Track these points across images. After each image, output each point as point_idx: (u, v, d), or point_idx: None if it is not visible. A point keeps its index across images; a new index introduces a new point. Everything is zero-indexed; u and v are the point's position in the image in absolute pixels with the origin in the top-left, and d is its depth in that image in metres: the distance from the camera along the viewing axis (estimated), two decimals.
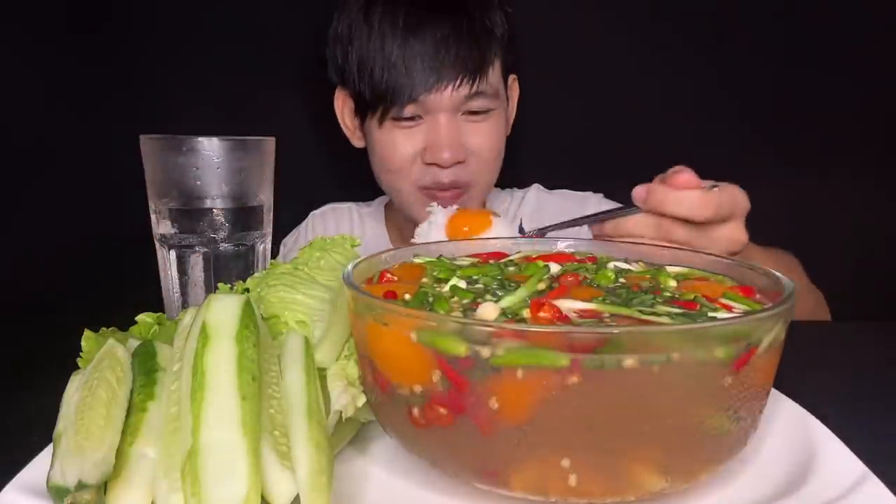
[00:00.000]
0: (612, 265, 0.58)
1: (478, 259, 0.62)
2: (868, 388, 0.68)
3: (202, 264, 0.75)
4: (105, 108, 1.42)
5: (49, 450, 0.44)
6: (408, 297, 0.49)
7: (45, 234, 1.40)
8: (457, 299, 0.48)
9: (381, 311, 0.43)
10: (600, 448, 0.38)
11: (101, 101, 1.42)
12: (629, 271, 0.57)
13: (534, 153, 1.42)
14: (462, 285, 0.51)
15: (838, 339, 0.90)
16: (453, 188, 1.12)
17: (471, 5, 1.11)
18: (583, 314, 0.44)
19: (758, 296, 0.49)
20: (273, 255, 0.91)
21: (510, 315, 0.44)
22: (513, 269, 0.57)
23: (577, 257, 0.62)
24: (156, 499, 0.38)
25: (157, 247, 0.77)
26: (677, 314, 0.43)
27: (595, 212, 0.80)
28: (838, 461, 0.45)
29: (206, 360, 0.41)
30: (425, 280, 0.54)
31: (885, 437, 0.55)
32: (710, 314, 0.44)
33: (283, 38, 1.44)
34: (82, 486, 0.37)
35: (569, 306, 0.45)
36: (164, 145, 0.73)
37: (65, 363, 0.52)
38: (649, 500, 0.42)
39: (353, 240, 0.68)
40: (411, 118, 1.10)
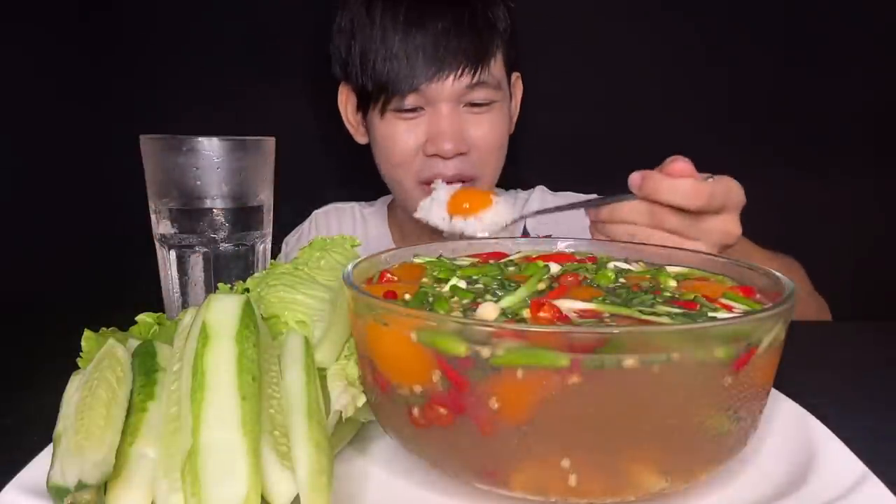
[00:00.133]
0: (612, 265, 0.58)
1: (478, 259, 0.62)
2: (868, 388, 0.68)
3: (202, 264, 0.75)
4: (105, 107, 1.42)
5: (49, 450, 0.44)
6: (408, 297, 0.49)
7: (46, 234, 1.40)
8: (457, 299, 0.48)
9: (381, 311, 0.43)
10: (600, 448, 0.38)
11: (102, 100, 1.42)
12: (629, 271, 0.57)
13: (536, 153, 1.42)
14: (462, 285, 0.51)
15: (838, 339, 0.90)
16: (456, 181, 1.11)
17: None
18: (583, 314, 0.44)
19: (758, 296, 0.49)
20: (274, 255, 0.91)
21: (510, 315, 0.44)
22: (513, 269, 0.57)
23: (577, 257, 0.62)
24: (156, 499, 0.38)
25: (157, 247, 0.77)
26: (677, 314, 0.43)
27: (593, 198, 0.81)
28: (838, 461, 0.45)
29: (206, 360, 0.41)
30: (425, 280, 0.54)
31: (885, 437, 0.55)
32: (710, 314, 0.44)
33: (284, 37, 1.44)
34: (82, 486, 0.37)
35: (569, 306, 0.45)
36: (164, 145, 0.73)
37: (65, 363, 0.52)
38: (649, 500, 0.42)
39: (353, 240, 0.68)
40: (413, 110, 1.09)
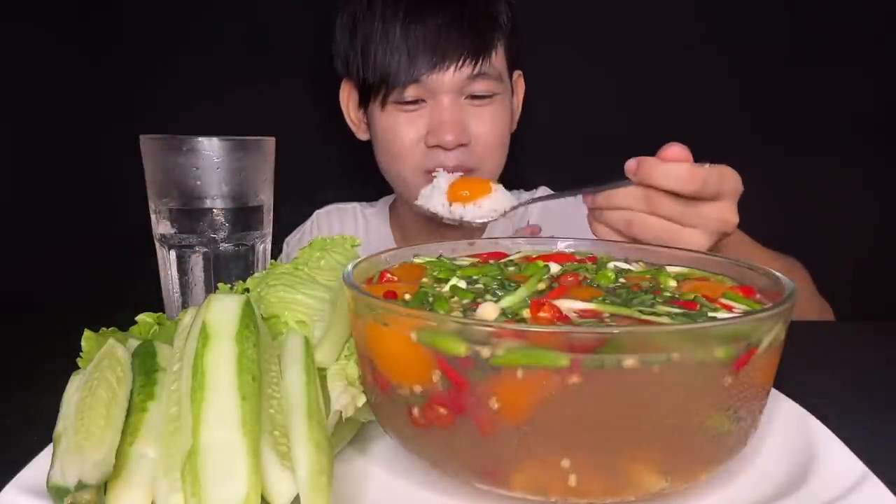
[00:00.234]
0: (612, 265, 0.58)
1: (478, 259, 0.62)
2: (868, 388, 0.68)
3: (202, 264, 0.75)
4: (105, 107, 1.42)
5: (49, 450, 0.44)
6: (408, 297, 0.49)
7: (46, 234, 1.40)
8: (457, 299, 0.48)
9: (381, 311, 0.43)
10: (600, 448, 0.38)
11: (102, 100, 1.42)
12: (629, 271, 0.57)
13: (539, 153, 1.42)
14: (462, 285, 0.51)
15: (838, 339, 0.90)
16: (457, 171, 1.10)
17: None
18: (583, 314, 0.44)
19: (758, 296, 0.49)
20: (274, 255, 0.91)
21: (510, 315, 0.44)
22: (513, 269, 0.57)
23: (577, 257, 0.62)
24: (156, 499, 0.38)
25: (157, 247, 0.77)
26: (677, 314, 0.43)
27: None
28: (838, 461, 0.45)
29: (206, 360, 0.41)
30: (425, 280, 0.54)
31: (885, 437, 0.55)
32: (710, 314, 0.44)
33: (284, 37, 1.44)
34: (82, 486, 0.37)
35: (569, 306, 0.45)
36: (164, 145, 0.73)
37: (65, 363, 0.52)
38: (649, 500, 0.42)
39: (353, 240, 0.68)
40: (414, 102, 1.09)
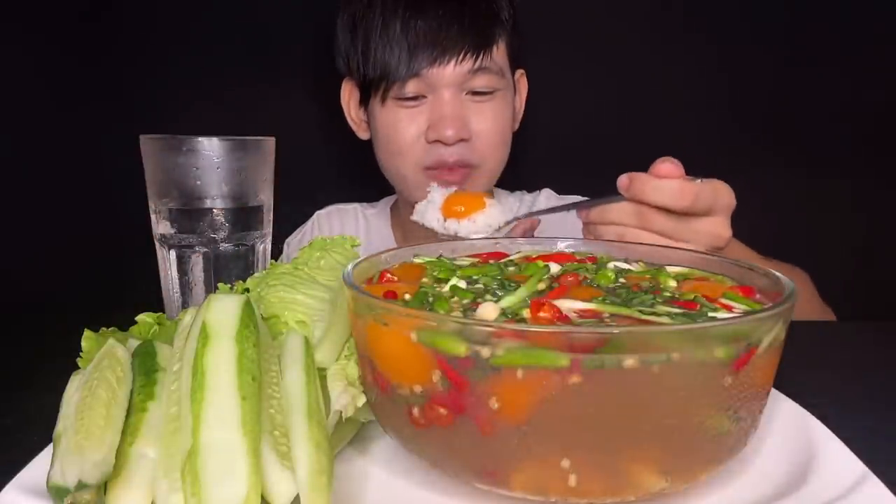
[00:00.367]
0: (612, 265, 0.58)
1: (478, 259, 0.62)
2: (868, 388, 0.68)
3: (202, 264, 0.75)
4: (105, 107, 1.42)
5: (49, 450, 0.44)
6: (408, 297, 0.49)
7: (45, 234, 1.40)
8: (457, 299, 0.48)
9: (381, 311, 0.43)
10: (600, 448, 0.38)
11: (102, 100, 1.42)
12: (629, 271, 0.57)
13: (542, 154, 1.42)
14: (462, 285, 0.51)
15: (838, 339, 0.90)
16: (458, 167, 1.10)
17: None
18: (583, 314, 0.44)
19: (758, 296, 0.49)
20: (275, 255, 0.91)
21: (510, 315, 0.44)
22: (513, 269, 0.57)
23: (577, 257, 0.62)
24: (156, 499, 0.38)
25: (157, 247, 0.77)
26: (677, 314, 0.43)
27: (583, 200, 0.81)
28: (838, 461, 0.45)
29: (206, 360, 0.41)
30: (425, 280, 0.54)
31: (885, 437, 0.55)
32: (710, 314, 0.44)
33: (284, 37, 1.44)
34: (82, 486, 0.37)
35: (569, 306, 0.45)
36: (164, 145, 0.73)
37: (65, 363, 0.52)
38: (649, 500, 0.42)
39: (353, 240, 0.68)
40: (415, 98, 1.09)
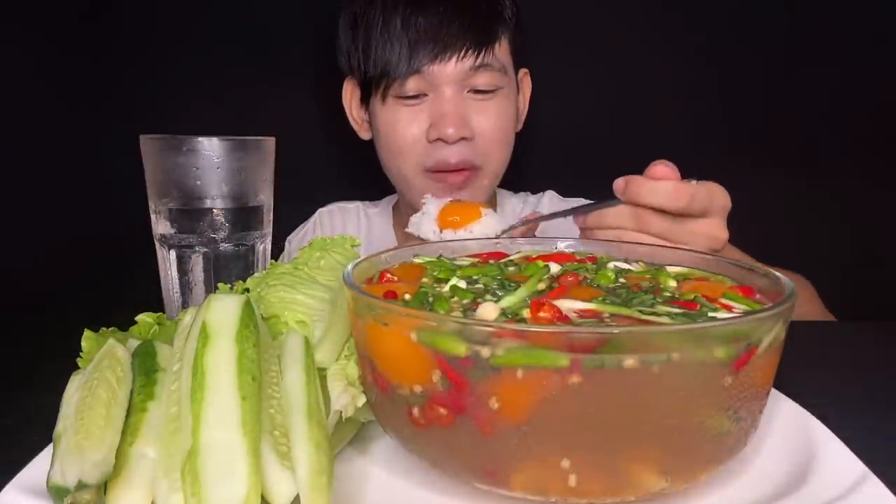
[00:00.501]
0: (612, 265, 0.58)
1: (478, 259, 0.62)
2: (868, 388, 0.67)
3: (202, 264, 0.75)
4: (105, 107, 1.42)
5: (49, 450, 0.44)
6: (408, 297, 0.49)
7: (46, 234, 1.40)
8: (457, 299, 0.48)
9: (381, 311, 0.43)
10: (600, 448, 0.38)
11: (102, 100, 1.42)
12: (629, 271, 0.57)
13: (545, 155, 1.42)
14: (462, 285, 0.51)
15: (838, 339, 0.90)
16: (460, 169, 1.10)
17: None
18: (583, 314, 0.44)
19: (758, 296, 0.49)
20: (275, 254, 0.91)
21: (510, 315, 0.44)
22: (513, 269, 0.57)
23: (577, 257, 0.62)
24: (156, 499, 0.38)
25: (157, 247, 0.77)
26: (677, 314, 0.43)
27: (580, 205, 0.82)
28: (838, 461, 0.45)
29: (206, 360, 0.41)
30: (425, 280, 0.54)
31: (885, 437, 0.55)
32: (710, 314, 0.44)
33: (284, 37, 1.44)
34: (82, 486, 0.37)
35: (569, 306, 0.45)
36: (164, 145, 0.73)
37: (65, 363, 0.52)
38: (649, 500, 0.42)
39: (353, 240, 0.68)
40: (416, 97, 1.09)
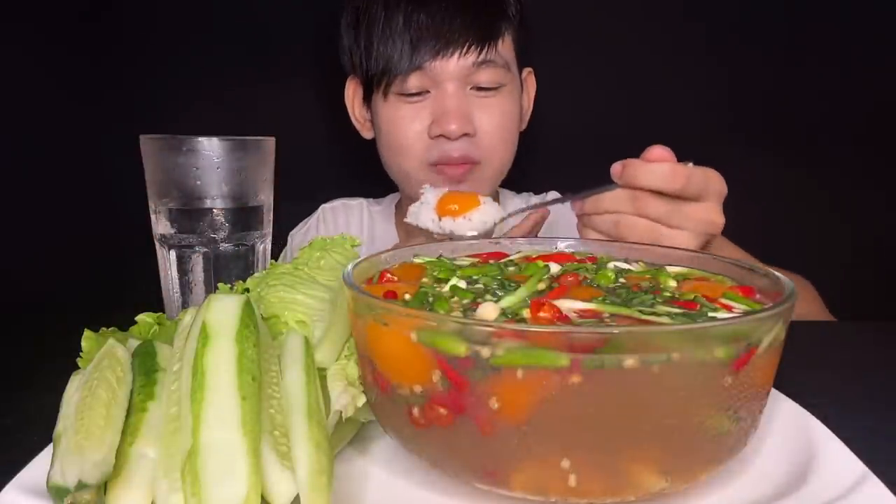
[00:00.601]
0: (612, 265, 0.58)
1: (478, 259, 0.62)
2: (868, 388, 0.67)
3: (202, 264, 0.75)
4: (105, 107, 1.42)
5: (49, 450, 0.44)
6: (408, 297, 0.49)
7: (45, 234, 1.40)
8: (457, 299, 0.48)
9: (381, 311, 0.43)
10: (600, 448, 0.38)
11: (102, 100, 1.42)
12: (629, 271, 0.57)
13: (548, 156, 1.42)
14: (462, 285, 0.51)
15: (838, 339, 0.90)
16: (462, 163, 1.09)
17: None
18: (583, 314, 0.44)
19: (758, 296, 0.49)
20: (275, 253, 0.91)
21: (510, 315, 0.44)
22: (513, 269, 0.57)
23: (577, 257, 0.62)
24: (156, 499, 0.38)
25: (157, 247, 0.77)
26: (677, 314, 0.43)
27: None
28: (838, 461, 0.45)
29: (206, 360, 0.41)
30: (425, 280, 0.54)
31: (885, 437, 0.55)
32: (710, 314, 0.44)
33: (284, 37, 1.44)
34: (82, 486, 0.37)
35: (569, 306, 0.45)
36: (164, 145, 0.73)
37: (65, 363, 0.52)
38: (649, 500, 0.42)
39: (353, 240, 0.68)
40: (418, 94, 1.08)
